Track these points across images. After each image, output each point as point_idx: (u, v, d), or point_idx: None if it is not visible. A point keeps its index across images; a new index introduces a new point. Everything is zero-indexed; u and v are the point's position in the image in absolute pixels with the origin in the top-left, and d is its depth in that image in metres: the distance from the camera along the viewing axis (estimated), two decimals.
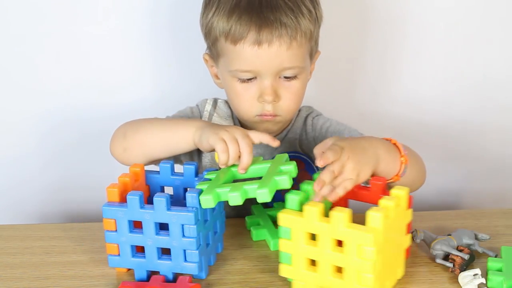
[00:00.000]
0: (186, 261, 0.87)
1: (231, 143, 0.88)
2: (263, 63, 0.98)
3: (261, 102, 1.01)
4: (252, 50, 0.96)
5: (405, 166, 0.93)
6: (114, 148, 1.02)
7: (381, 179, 0.90)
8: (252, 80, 1.00)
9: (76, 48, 1.29)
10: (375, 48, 1.33)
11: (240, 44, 0.97)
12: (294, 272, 0.84)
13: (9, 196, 1.40)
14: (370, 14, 1.30)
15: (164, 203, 0.84)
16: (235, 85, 1.02)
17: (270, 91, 0.99)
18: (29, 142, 1.36)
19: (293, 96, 1.02)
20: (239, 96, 1.02)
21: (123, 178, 0.90)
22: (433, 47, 1.32)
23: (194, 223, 0.84)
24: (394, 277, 0.86)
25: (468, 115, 1.38)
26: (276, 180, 0.83)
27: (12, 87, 1.32)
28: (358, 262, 0.78)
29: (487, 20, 1.31)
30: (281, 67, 0.98)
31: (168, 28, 1.29)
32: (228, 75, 1.02)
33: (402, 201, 0.83)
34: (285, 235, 0.82)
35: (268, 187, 0.81)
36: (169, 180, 0.96)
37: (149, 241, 0.87)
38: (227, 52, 0.99)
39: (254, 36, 0.95)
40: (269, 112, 1.02)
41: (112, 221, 0.87)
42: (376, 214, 0.77)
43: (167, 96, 1.33)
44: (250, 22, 0.95)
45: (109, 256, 0.89)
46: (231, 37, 0.97)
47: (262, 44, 0.96)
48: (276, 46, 0.96)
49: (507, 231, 1.00)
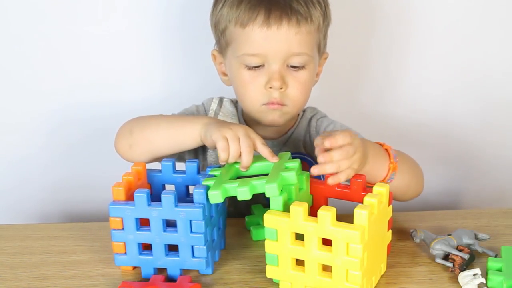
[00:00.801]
0: (194, 257, 0.87)
1: (232, 142, 0.88)
2: (271, 46, 0.98)
3: (268, 89, 1.01)
4: (261, 32, 0.97)
5: (393, 173, 0.95)
6: (120, 145, 1.02)
7: (361, 176, 0.90)
8: (259, 68, 1.00)
9: (77, 48, 1.29)
10: (379, 49, 1.33)
11: (250, 27, 0.98)
12: (281, 273, 0.84)
13: (9, 196, 1.40)
14: (373, 14, 1.30)
15: (172, 200, 0.84)
16: (243, 73, 1.01)
17: (278, 76, 0.99)
18: (29, 142, 1.36)
19: (301, 86, 1.02)
20: (247, 84, 1.02)
21: (127, 177, 0.91)
22: (437, 47, 1.32)
23: (202, 219, 0.85)
24: (378, 273, 0.87)
25: (469, 115, 1.38)
26: (284, 176, 0.83)
27: (12, 88, 1.32)
28: (345, 260, 0.78)
29: (490, 19, 1.31)
30: (290, 52, 0.99)
31: (172, 27, 1.28)
32: (236, 63, 1.02)
33: (384, 198, 0.84)
34: (271, 236, 0.82)
35: (276, 182, 0.81)
36: (171, 178, 0.97)
37: (156, 238, 0.87)
38: (236, 37, 1.00)
39: (263, 18, 0.97)
40: (276, 100, 1.01)
41: (119, 220, 0.87)
42: (363, 211, 0.77)
43: (171, 96, 1.33)
44: (260, 5, 0.97)
45: (115, 255, 0.90)
46: (241, 21, 0.98)
47: (271, 26, 0.97)
48: (285, 29, 0.97)
49: (507, 231, 1.00)
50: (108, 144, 1.36)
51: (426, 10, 1.30)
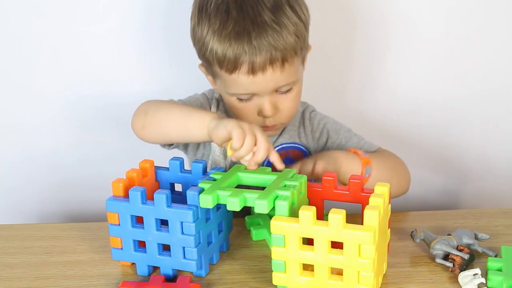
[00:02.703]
0: (185, 258, 0.87)
1: (249, 134, 0.88)
2: (259, 87, 1.00)
3: (262, 116, 1.04)
4: (247, 79, 0.99)
5: (367, 167, 1.01)
6: (134, 123, 1.04)
7: (359, 177, 0.90)
8: (250, 99, 1.03)
9: (77, 48, 1.29)
10: (366, 45, 1.32)
11: (235, 74, 0.99)
12: (289, 279, 0.82)
13: (9, 196, 1.40)
14: (365, 11, 1.30)
15: (164, 199, 0.84)
16: (234, 103, 1.05)
17: (269, 108, 1.02)
18: (29, 142, 1.36)
19: (292, 104, 1.06)
20: (239, 111, 1.05)
21: (131, 174, 0.92)
22: (432, 46, 1.32)
23: (192, 221, 0.84)
24: (382, 272, 0.87)
25: (468, 115, 1.38)
26: (278, 194, 0.83)
27: (12, 88, 1.32)
28: (358, 262, 0.78)
29: (473, 17, 1.31)
30: (277, 87, 1.01)
31: (173, 27, 1.28)
32: (226, 94, 1.05)
33: (386, 196, 0.84)
34: (278, 242, 0.81)
35: (267, 199, 0.80)
36: (178, 176, 0.97)
37: (149, 237, 0.87)
38: (223, 77, 1.01)
39: (247, 66, 0.97)
40: (271, 124, 1.06)
41: (116, 215, 0.88)
42: (373, 212, 0.77)
43: (171, 95, 1.32)
44: (241, 52, 0.96)
45: (112, 249, 0.91)
46: (225, 67, 0.99)
47: (256, 73, 0.98)
48: (269, 72, 0.98)
49: (507, 231, 1.00)
50: (108, 144, 1.37)
51: (423, 9, 1.30)
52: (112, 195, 0.89)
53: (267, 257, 0.94)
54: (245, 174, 0.91)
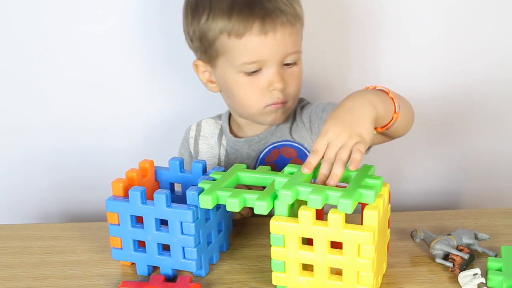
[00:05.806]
0: (185, 258, 0.87)
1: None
2: (270, 51, 1.01)
3: (270, 91, 1.04)
4: (259, 40, 1.00)
5: (394, 122, 0.91)
6: None
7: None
8: (257, 73, 1.03)
9: (75, 48, 1.29)
10: (365, 45, 1.32)
11: (246, 37, 1.00)
12: (288, 280, 0.82)
13: (9, 196, 1.40)
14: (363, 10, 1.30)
15: (164, 199, 0.84)
16: (241, 80, 1.04)
17: (279, 78, 1.03)
18: (29, 142, 1.36)
19: (297, 81, 1.07)
20: (247, 90, 1.05)
21: (130, 173, 0.92)
22: (431, 45, 1.32)
23: (192, 221, 0.85)
24: (382, 272, 0.87)
25: (468, 115, 1.38)
26: (277, 194, 0.81)
27: (12, 88, 1.32)
28: (357, 262, 0.78)
29: (486, 19, 1.31)
30: (285, 53, 1.02)
31: (172, 27, 1.28)
32: (232, 72, 1.04)
33: (386, 196, 0.84)
34: (277, 242, 0.81)
35: (266, 200, 0.80)
36: (178, 176, 0.97)
37: (149, 237, 0.87)
38: (231, 48, 1.02)
39: (259, 26, 0.99)
40: (280, 99, 1.05)
41: (115, 215, 0.88)
42: (372, 212, 0.77)
43: (171, 95, 1.33)
44: (253, 14, 0.99)
45: (112, 249, 0.91)
46: (235, 32, 1.00)
47: (268, 33, 1.00)
48: (280, 33, 1.01)
49: (507, 231, 1.00)
50: (109, 143, 1.37)
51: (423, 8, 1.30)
52: (112, 195, 0.89)
53: (267, 257, 0.94)
54: (245, 174, 0.91)
